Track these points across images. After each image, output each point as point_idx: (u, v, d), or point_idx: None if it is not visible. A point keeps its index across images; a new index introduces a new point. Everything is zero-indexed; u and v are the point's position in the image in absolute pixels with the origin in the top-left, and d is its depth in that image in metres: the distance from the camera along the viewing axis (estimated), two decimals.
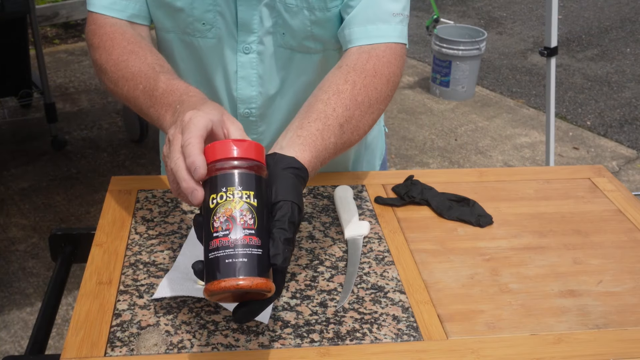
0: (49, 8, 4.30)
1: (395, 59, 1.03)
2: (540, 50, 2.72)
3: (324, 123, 0.90)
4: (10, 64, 3.24)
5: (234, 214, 0.72)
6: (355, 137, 0.96)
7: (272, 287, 0.72)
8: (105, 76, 1.04)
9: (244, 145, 0.75)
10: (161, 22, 1.11)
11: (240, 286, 0.70)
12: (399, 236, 1.05)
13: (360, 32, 1.03)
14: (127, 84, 0.99)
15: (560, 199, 1.18)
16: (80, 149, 3.41)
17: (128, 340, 0.83)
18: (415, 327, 0.87)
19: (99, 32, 1.06)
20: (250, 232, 0.72)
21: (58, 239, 1.11)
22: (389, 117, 3.86)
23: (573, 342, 0.87)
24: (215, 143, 0.75)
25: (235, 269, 0.70)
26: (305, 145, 0.86)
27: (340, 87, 0.95)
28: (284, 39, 1.08)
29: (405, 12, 1.06)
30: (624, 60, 4.79)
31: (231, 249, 0.71)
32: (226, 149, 0.74)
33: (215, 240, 0.71)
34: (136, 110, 1.01)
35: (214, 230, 0.72)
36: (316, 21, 1.06)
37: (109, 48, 1.04)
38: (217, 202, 0.73)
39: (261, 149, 0.77)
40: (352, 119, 0.94)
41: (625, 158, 3.57)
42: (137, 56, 1.01)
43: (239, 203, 0.72)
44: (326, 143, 0.89)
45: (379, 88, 0.99)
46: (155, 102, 0.94)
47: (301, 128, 0.88)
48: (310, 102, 0.94)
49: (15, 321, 2.34)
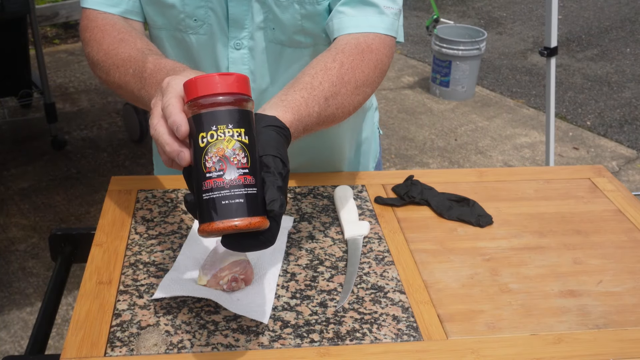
0: (49, 8, 4.30)
1: (383, 48, 1.03)
2: (540, 50, 2.72)
3: (310, 93, 0.91)
4: (10, 64, 3.24)
5: (227, 154, 0.71)
6: (340, 114, 0.97)
7: (267, 223, 0.72)
8: (97, 68, 1.04)
9: (230, 77, 0.73)
10: (153, 19, 1.11)
11: (238, 227, 0.71)
12: (399, 236, 1.05)
13: (349, 21, 1.03)
14: (117, 71, 0.99)
15: (560, 199, 1.18)
16: (80, 149, 3.41)
17: (128, 340, 0.83)
18: (415, 327, 0.87)
19: (91, 26, 1.06)
20: (245, 172, 0.71)
21: (58, 239, 1.11)
22: (389, 117, 3.86)
23: (573, 342, 0.87)
24: (199, 77, 0.73)
25: (231, 210, 0.70)
26: (287, 108, 0.86)
27: (329, 65, 0.96)
28: (274, 34, 1.09)
29: (395, 6, 1.06)
30: (624, 60, 4.79)
31: (227, 189, 0.71)
32: (212, 84, 0.72)
33: (209, 181, 0.71)
34: (130, 98, 1.00)
35: (206, 170, 0.71)
36: (306, 15, 1.07)
37: (99, 39, 1.04)
38: (208, 142, 0.71)
39: (247, 81, 0.75)
40: (338, 95, 0.95)
41: (625, 158, 3.57)
42: (126, 43, 1.01)
43: (231, 142, 0.71)
44: (310, 111, 0.89)
45: (366, 72, 0.99)
46: (145, 83, 0.93)
47: (285, 94, 0.89)
48: (298, 76, 0.95)
49: (15, 321, 2.34)
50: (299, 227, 1.06)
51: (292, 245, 1.02)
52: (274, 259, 0.96)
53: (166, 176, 1.18)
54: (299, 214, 1.09)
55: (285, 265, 0.97)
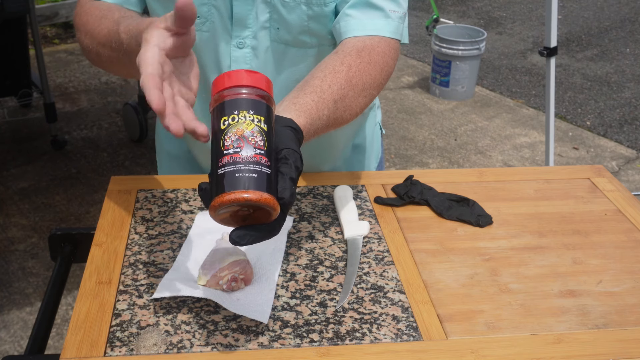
0: (49, 8, 4.29)
1: (389, 51, 1.05)
2: (540, 50, 2.72)
3: (319, 96, 0.93)
4: (10, 64, 3.24)
5: (245, 134, 0.74)
6: (347, 116, 0.99)
7: (278, 207, 0.74)
8: (89, 53, 1.05)
9: (256, 75, 0.78)
10: (157, 14, 1.11)
11: (248, 199, 0.71)
12: (399, 236, 1.05)
13: (356, 24, 1.05)
14: (104, 49, 0.99)
15: (560, 199, 1.18)
16: (80, 149, 3.41)
17: (128, 340, 0.83)
18: (415, 327, 0.87)
19: (79, 12, 1.07)
20: (261, 152, 0.74)
21: (58, 238, 1.11)
22: (389, 117, 3.86)
23: (573, 342, 0.86)
24: (228, 72, 0.78)
25: (244, 182, 0.72)
26: (300, 112, 0.88)
27: (337, 68, 0.98)
28: (279, 34, 1.09)
29: (400, 9, 1.07)
30: (623, 60, 4.79)
31: (242, 164, 0.72)
32: (239, 77, 0.77)
33: (226, 157, 0.73)
34: (123, 73, 1.01)
35: (224, 148, 0.73)
36: (313, 16, 1.07)
37: (84, 22, 1.04)
38: (229, 123, 0.74)
39: (271, 83, 0.80)
40: (346, 98, 0.97)
41: (625, 158, 3.57)
42: (105, 19, 1.01)
43: (250, 125, 0.74)
44: (320, 114, 0.92)
45: (373, 74, 1.01)
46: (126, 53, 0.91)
47: (297, 97, 0.91)
48: (307, 79, 0.96)
49: (14, 321, 2.34)
50: (299, 227, 1.06)
51: (292, 245, 1.02)
52: (273, 259, 0.96)
53: (166, 176, 1.18)
54: (298, 214, 1.09)
55: (285, 265, 0.97)
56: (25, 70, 3.30)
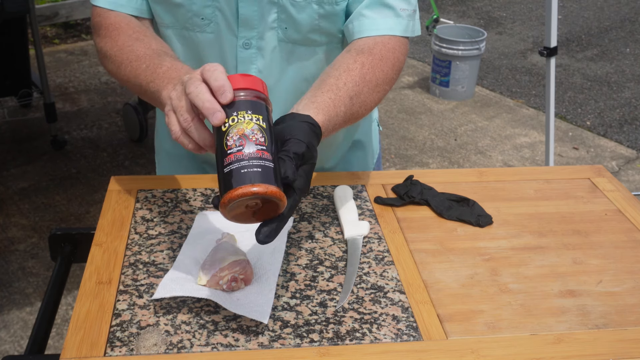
0: (49, 8, 4.29)
1: (399, 47, 1.09)
2: (540, 50, 2.72)
3: (336, 94, 0.97)
4: (10, 64, 3.24)
5: (246, 132, 0.78)
6: (362, 111, 1.03)
7: (285, 197, 0.78)
8: (108, 60, 1.09)
9: (250, 78, 0.83)
10: (160, 18, 1.12)
11: (255, 192, 0.75)
12: (399, 236, 1.05)
13: (370, 24, 1.08)
14: (130, 65, 1.03)
15: (560, 199, 1.18)
16: (80, 149, 3.41)
17: (128, 340, 0.83)
18: (415, 327, 0.87)
19: (105, 23, 1.10)
20: (263, 148, 0.78)
21: (58, 238, 1.11)
22: (389, 117, 3.86)
23: (573, 342, 0.87)
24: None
25: (250, 177, 0.76)
26: (319, 109, 0.93)
27: (350, 66, 1.01)
28: (286, 33, 1.10)
29: (410, 7, 1.11)
30: (623, 60, 4.79)
31: (246, 160, 0.76)
32: (234, 81, 0.82)
33: (230, 156, 0.77)
34: (135, 90, 1.04)
35: (227, 148, 0.78)
36: (325, 15, 1.09)
37: (114, 36, 1.08)
38: (229, 125, 0.79)
39: (265, 85, 0.85)
40: (361, 94, 1.01)
41: (625, 158, 3.57)
42: (141, 42, 1.05)
43: (250, 124, 0.79)
44: (337, 111, 0.96)
45: (385, 70, 1.05)
46: (157, 77, 0.97)
47: (315, 96, 0.96)
48: (322, 78, 1.00)
49: (14, 321, 2.34)
50: (299, 227, 1.06)
51: (292, 245, 1.02)
52: (273, 259, 0.96)
53: (166, 176, 1.18)
54: (298, 214, 1.09)
55: (285, 265, 0.97)
56: (25, 70, 3.30)
